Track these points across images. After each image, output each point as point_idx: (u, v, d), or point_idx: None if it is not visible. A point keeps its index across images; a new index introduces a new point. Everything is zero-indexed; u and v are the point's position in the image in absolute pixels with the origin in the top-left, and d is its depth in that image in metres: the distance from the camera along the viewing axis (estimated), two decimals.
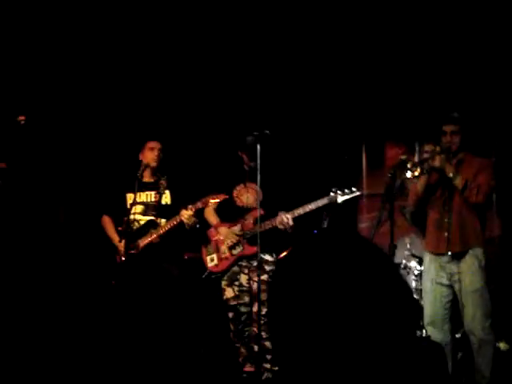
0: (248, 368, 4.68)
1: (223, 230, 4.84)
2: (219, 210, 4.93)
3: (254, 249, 4.49)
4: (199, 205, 4.69)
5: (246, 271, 4.77)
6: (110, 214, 4.99)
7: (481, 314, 4.01)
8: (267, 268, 4.70)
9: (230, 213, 4.85)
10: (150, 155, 4.86)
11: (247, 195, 4.78)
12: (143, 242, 4.81)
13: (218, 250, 4.83)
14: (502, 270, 4.46)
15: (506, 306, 4.63)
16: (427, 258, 4.27)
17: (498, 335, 4.22)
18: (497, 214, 4.77)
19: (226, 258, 4.79)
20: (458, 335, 4.62)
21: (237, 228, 4.80)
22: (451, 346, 4.17)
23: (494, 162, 4.19)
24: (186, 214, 4.68)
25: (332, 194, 4.55)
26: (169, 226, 4.76)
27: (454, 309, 4.15)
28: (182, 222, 4.73)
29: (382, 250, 3.98)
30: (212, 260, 4.83)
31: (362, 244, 4.10)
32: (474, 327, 4.03)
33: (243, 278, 4.77)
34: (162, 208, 4.84)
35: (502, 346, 4.70)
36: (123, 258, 4.70)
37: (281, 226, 4.60)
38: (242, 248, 4.77)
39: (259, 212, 4.29)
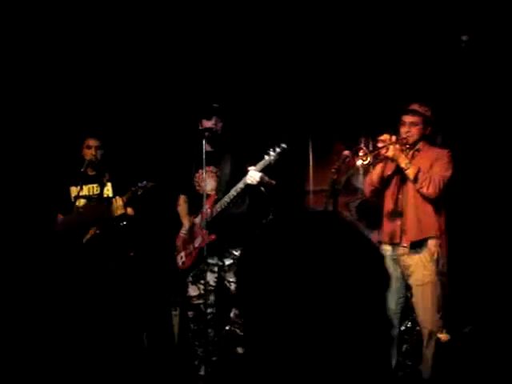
0: (202, 372, 4.50)
1: (185, 224, 4.71)
2: (189, 202, 4.77)
3: (213, 236, 4.40)
4: (126, 196, 4.66)
5: (216, 269, 4.58)
6: (60, 212, 4.95)
7: (431, 306, 4.06)
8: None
9: (196, 203, 4.64)
10: (88, 153, 4.85)
11: (207, 181, 4.53)
12: (85, 236, 4.78)
13: (184, 247, 4.67)
14: (451, 259, 4.51)
15: (453, 296, 4.70)
16: (382, 250, 4.30)
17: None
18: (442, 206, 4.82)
19: (191, 254, 4.62)
20: (402, 328, 4.69)
21: (198, 219, 4.62)
22: (398, 339, 4.22)
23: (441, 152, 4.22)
24: (114, 205, 4.66)
25: (266, 156, 4.37)
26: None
27: (403, 301, 4.19)
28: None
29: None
30: (181, 258, 4.67)
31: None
32: (426, 320, 4.09)
33: (210, 277, 4.51)
34: (103, 201, 4.80)
35: (443, 337, 4.80)
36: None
37: (251, 180, 4.36)
38: (201, 239, 4.55)
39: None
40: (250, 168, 4.37)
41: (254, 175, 4.35)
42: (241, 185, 4.41)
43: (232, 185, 4.48)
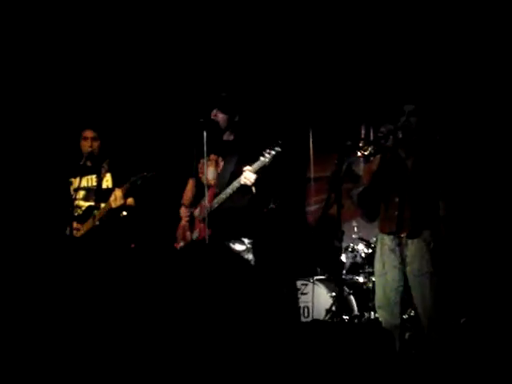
0: None
1: (183, 215, 4.68)
2: (196, 192, 4.68)
3: (209, 231, 4.33)
4: (125, 187, 4.63)
5: None
6: (61, 204, 4.93)
7: (430, 296, 4.04)
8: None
9: (198, 194, 4.59)
10: (84, 144, 4.84)
11: (209, 169, 4.47)
12: (84, 228, 4.78)
13: (183, 238, 4.64)
14: (447, 251, 4.53)
15: (449, 288, 4.72)
16: (379, 240, 4.30)
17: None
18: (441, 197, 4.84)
19: None
20: (405, 316, 4.69)
21: (197, 211, 4.59)
22: (400, 327, 4.22)
23: (439, 142, 4.21)
24: (113, 196, 4.63)
25: (262, 157, 4.31)
26: (103, 212, 4.70)
27: (403, 290, 4.18)
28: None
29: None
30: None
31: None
32: (424, 309, 4.07)
33: None
34: (102, 192, 4.78)
35: None
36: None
37: (245, 181, 4.33)
38: (199, 232, 4.52)
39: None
40: (245, 168, 4.35)
41: (249, 177, 4.33)
42: (236, 184, 4.39)
43: (232, 181, 4.44)
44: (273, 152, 4.30)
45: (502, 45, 5.20)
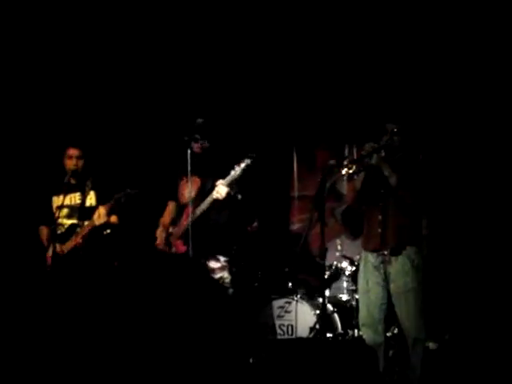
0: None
1: (160, 235, 4.73)
2: (176, 213, 4.78)
3: (184, 248, 4.40)
4: (108, 204, 4.63)
5: None
6: (43, 223, 4.93)
7: (414, 313, 4.06)
8: (216, 277, 4.55)
9: (179, 213, 4.69)
10: (69, 163, 4.83)
11: (189, 189, 4.50)
12: (67, 247, 4.74)
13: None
14: (429, 269, 4.57)
15: (432, 305, 4.76)
16: (363, 257, 4.31)
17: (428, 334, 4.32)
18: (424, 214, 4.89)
19: None
20: (389, 334, 4.70)
21: (175, 229, 4.65)
22: (384, 345, 4.22)
23: (422, 161, 4.25)
24: (97, 214, 4.63)
25: (232, 171, 4.45)
26: (87, 229, 4.68)
27: (386, 308, 4.19)
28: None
29: None
30: None
31: None
32: (409, 326, 4.08)
33: None
34: (85, 210, 4.76)
35: (431, 345, 4.83)
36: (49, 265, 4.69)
37: (217, 195, 4.44)
38: (175, 249, 4.59)
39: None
40: (218, 182, 4.43)
41: (221, 190, 4.42)
42: (209, 199, 4.47)
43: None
44: (242, 165, 4.39)
45: (485, 66, 5.28)
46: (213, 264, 4.56)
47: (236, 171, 4.41)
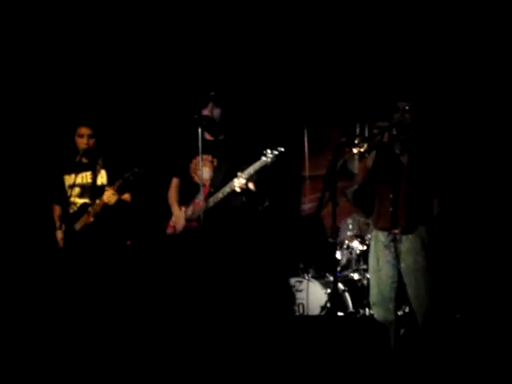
0: None
1: (175, 214, 4.64)
2: (181, 191, 4.70)
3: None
4: (117, 183, 4.64)
5: None
6: (55, 201, 4.96)
7: (424, 292, 4.05)
8: None
9: (189, 192, 4.59)
10: (80, 141, 4.83)
11: (203, 169, 4.41)
12: (79, 226, 4.77)
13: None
14: (440, 248, 4.56)
15: (443, 284, 4.75)
16: (374, 236, 4.31)
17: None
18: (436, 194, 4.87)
19: None
20: (400, 312, 4.71)
21: (189, 210, 4.56)
22: (395, 324, 4.23)
23: (434, 139, 4.23)
24: (106, 194, 4.63)
25: (263, 157, 4.33)
26: (98, 208, 4.70)
27: (398, 287, 4.19)
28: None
29: None
30: None
31: None
32: (419, 305, 4.08)
33: None
34: (96, 189, 4.78)
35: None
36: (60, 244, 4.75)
37: (237, 189, 4.37)
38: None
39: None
40: (238, 174, 4.36)
41: (239, 184, 4.35)
42: (227, 189, 4.41)
43: (228, 179, 4.44)
44: (276, 152, 4.31)
45: (496, 42, 5.22)
46: None
47: (267, 158, 4.30)
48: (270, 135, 5.53)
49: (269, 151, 4.31)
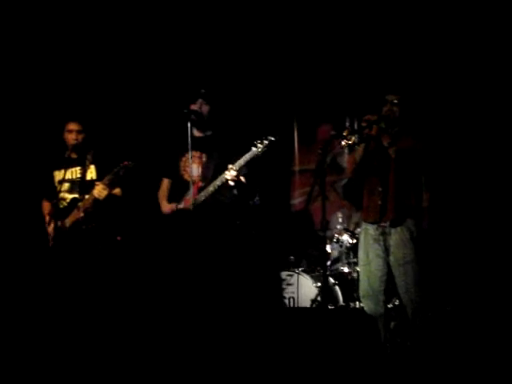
0: None
1: (163, 209, 4.65)
2: (172, 190, 4.70)
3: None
4: (107, 178, 4.62)
5: None
6: (45, 197, 4.94)
7: (413, 285, 4.07)
8: None
9: (179, 189, 4.58)
10: (69, 137, 4.82)
11: (193, 166, 4.45)
12: (69, 221, 4.75)
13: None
14: (430, 241, 4.58)
15: (433, 277, 4.77)
16: (363, 230, 4.32)
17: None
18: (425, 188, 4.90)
19: None
20: (390, 305, 4.73)
21: (181, 206, 4.54)
22: (385, 316, 4.25)
23: (422, 132, 4.25)
24: (96, 189, 4.63)
25: (254, 148, 4.36)
26: (87, 203, 4.68)
27: (387, 279, 4.22)
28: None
29: None
30: None
31: None
32: (409, 298, 4.11)
33: None
34: (86, 184, 4.76)
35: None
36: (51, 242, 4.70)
37: (230, 182, 4.36)
38: None
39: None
40: (229, 166, 4.36)
41: (231, 176, 4.35)
42: (218, 182, 4.41)
43: (218, 174, 4.44)
44: (266, 141, 4.33)
45: (482, 34, 5.25)
46: None
47: (258, 148, 4.33)
48: (260, 130, 5.53)
49: (259, 141, 4.33)
